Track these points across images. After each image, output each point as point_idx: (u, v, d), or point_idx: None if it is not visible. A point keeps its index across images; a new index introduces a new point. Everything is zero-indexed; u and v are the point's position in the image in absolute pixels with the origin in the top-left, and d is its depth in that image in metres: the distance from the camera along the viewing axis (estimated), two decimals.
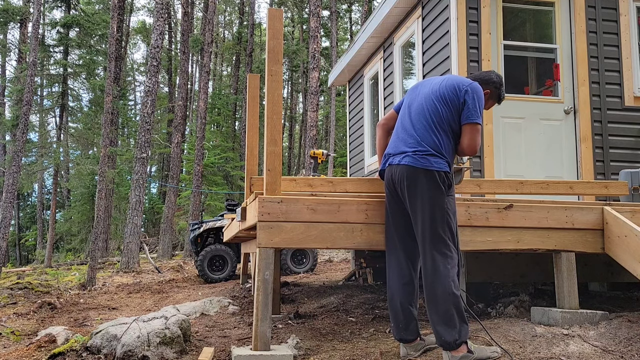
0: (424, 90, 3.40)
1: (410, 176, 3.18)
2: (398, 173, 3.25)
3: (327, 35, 28.16)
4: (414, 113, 3.34)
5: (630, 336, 3.41)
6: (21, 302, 7.74)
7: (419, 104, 3.34)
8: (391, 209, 3.39)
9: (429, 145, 3.19)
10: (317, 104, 15.35)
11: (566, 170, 5.57)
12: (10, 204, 12.83)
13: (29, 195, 33.21)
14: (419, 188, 3.16)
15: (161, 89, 29.77)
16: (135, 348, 3.51)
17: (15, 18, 20.13)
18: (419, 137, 3.23)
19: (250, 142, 5.53)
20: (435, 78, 3.47)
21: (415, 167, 3.17)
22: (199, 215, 17.73)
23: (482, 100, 3.27)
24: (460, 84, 3.28)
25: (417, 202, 3.17)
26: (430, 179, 3.14)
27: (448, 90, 3.26)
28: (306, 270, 10.09)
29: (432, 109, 3.26)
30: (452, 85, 3.28)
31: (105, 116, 13.56)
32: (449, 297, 3.06)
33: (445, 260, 3.11)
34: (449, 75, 3.48)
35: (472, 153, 3.26)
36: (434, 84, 3.38)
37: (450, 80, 3.35)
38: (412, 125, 3.30)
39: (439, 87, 3.32)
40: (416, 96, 3.41)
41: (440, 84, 3.34)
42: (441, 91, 3.28)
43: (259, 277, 3.36)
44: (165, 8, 14.97)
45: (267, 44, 3.53)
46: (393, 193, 3.35)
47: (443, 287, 3.06)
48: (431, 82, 3.44)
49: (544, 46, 5.90)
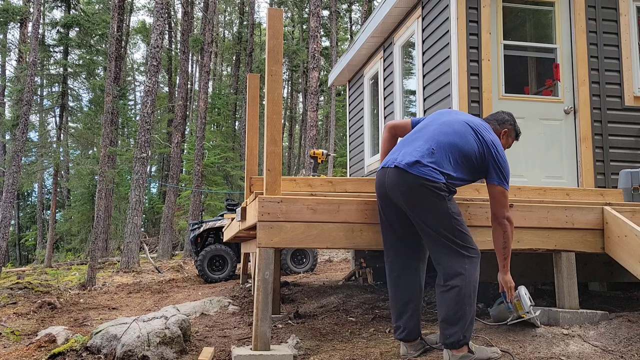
0: (453, 120, 3.32)
1: (412, 183, 3.14)
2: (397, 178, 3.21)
3: (327, 35, 28.14)
4: (437, 132, 3.25)
5: (630, 336, 3.41)
6: (21, 302, 7.74)
7: (444, 129, 3.25)
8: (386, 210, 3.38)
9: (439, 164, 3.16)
10: (317, 103, 15.35)
11: (566, 171, 5.57)
12: (10, 203, 12.83)
13: (29, 195, 33.23)
14: (422, 197, 3.14)
15: (161, 88, 29.78)
16: (135, 348, 3.51)
17: (15, 18, 20.11)
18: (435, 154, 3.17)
19: (250, 142, 5.53)
20: (465, 118, 3.38)
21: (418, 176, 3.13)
22: (199, 215, 17.74)
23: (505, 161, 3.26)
24: (491, 143, 3.22)
25: (427, 211, 3.17)
26: (431, 188, 3.12)
27: (478, 140, 3.22)
28: (306, 270, 10.09)
29: (456, 140, 3.20)
30: (483, 140, 3.22)
31: (105, 116, 13.56)
32: (467, 298, 3.05)
33: (468, 260, 3.13)
34: (479, 124, 3.34)
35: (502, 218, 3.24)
36: (467, 123, 3.29)
37: (482, 134, 3.25)
38: (429, 141, 3.22)
39: (472, 131, 3.24)
40: (443, 121, 3.32)
41: (475, 132, 3.24)
42: (472, 136, 3.22)
43: (259, 277, 3.36)
44: (165, 8, 14.97)
45: (267, 44, 3.53)
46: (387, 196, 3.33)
47: (467, 289, 3.06)
48: (462, 120, 3.33)
49: (544, 46, 5.90)
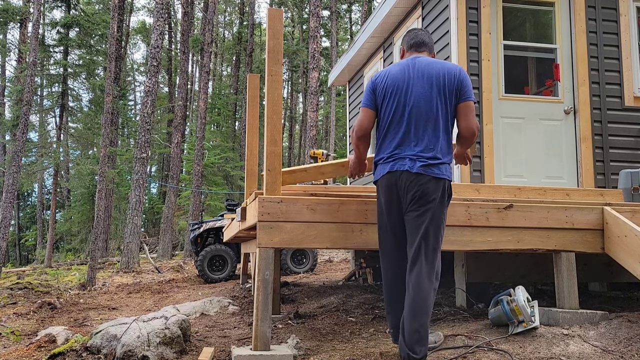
0: (417, 88, 3.18)
1: (422, 184, 3.07)
2: (406, 180, 3.11)
3: (327, 35, 28.17)
4: (414, 115, 3.14)
5: (630, 336, 3.41)
6: (21, 302, 7.74)
7: (417, 105, 3.14)
8: (391, 214, 3.25)
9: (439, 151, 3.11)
10: (317, 104, 15.34)
11: (566, 171, 5.57)
12: (10, 204, 12.82)
13: (29, 195, 33.23)
14: (429, 197, 3.08)
15: (161, 89, 29.78)
16: (135, 348, 3.51)
17: (15, 18, 20.12)
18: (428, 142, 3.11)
19: (250, 142, 5.53)
20: (422, 67, 3.22)
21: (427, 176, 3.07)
22: (199, 215, 17.73)
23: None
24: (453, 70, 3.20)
25: (425, 212, 3.08)
26: (439, 188, 3.08)
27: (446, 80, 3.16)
28: (306, 270, 10.09)
29: (434, 108, 3.14)
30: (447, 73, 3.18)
31: (105, 116, 13.55)
32: (429, 311, 2.99)
33: (434, 273, 3.06)
34: (437, 64, 3.24)
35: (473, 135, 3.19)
36: (428, 77, 3.18)
37: (443, 69, 3.19)
38: (415, 128, 3.13)
39: (435, 81, 3.16)
40: (408, 95, 3.18)
41: (437, 77, 3.17)
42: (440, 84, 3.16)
43: (259, 277, 3.36)
44: (165, 8, 14.97)
45: (267, 44, 3.53)
46: (395, 199, 3.19)
47: (428, 301, 2.99)
48: (422, 74, 3.19)
49: (543, 46, 5.90)
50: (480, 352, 3.32)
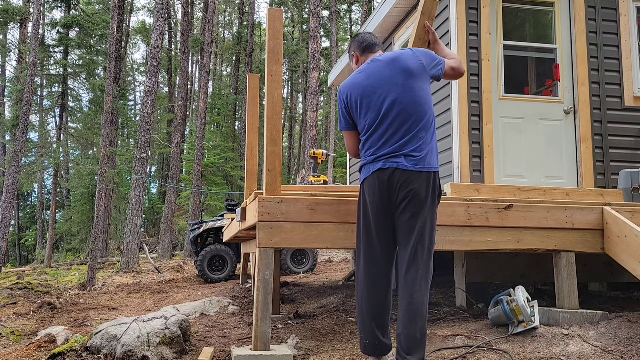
0: (388, 86, 3.11)
1: (414, 181, 2.99)
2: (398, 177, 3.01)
3: (327, 36, 28.16)
4: (393, 115, 3.05)
5: (630, 336, 3.41)
6: (21, 302, 7.73)
7: (396, 103, 3.06)
8: (377, 214, 3.09)
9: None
10: (317, 104, 15.34)
11: (566, 171, 5.57)
12: (10, 204, 12.82)
13: (29, 195, 33.22)
14: (423, 195, 3.00)
15: (161, 89, 29.78)
16: (135, 348, 3.51)
17: (15, 18, 20.13)
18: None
19: (250, 142, 5.54)
20: (386, 64, 3.20)
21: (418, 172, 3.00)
22: (199, 215, 17.72)
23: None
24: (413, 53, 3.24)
25: (420, 211, 2.99)
26: (430, 182, 3.02)
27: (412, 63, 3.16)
28: (306, 270, 10.09)
29: (413, 100, 3.08)
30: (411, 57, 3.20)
31: (105, 116, 13.54)
32: (426, 314, 2.91)
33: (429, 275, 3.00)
34: (397, 55, 3.24)
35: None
36: (397, 70, 3.14)
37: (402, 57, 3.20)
38: (398, 127, 3.05)
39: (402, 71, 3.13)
40: (382, 96, 3.10)
41: (404, 67, 3.14)
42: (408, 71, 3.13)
43: (259, 277, 3.36)
44: (165, 8, 14.97)
45: (267, 44, 3.54)
46: (385, 198, 3.05)
47: (426, 305, 2.92)
48: (389, 71, 3.15)
49: (543, 46, 5.91)
50: (480, 352, 3.32)
